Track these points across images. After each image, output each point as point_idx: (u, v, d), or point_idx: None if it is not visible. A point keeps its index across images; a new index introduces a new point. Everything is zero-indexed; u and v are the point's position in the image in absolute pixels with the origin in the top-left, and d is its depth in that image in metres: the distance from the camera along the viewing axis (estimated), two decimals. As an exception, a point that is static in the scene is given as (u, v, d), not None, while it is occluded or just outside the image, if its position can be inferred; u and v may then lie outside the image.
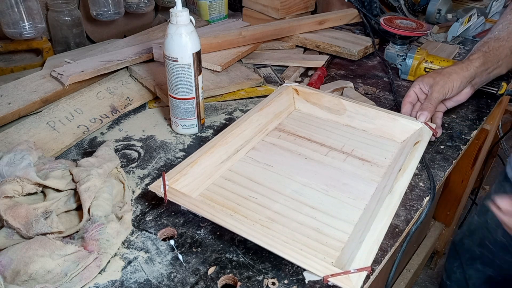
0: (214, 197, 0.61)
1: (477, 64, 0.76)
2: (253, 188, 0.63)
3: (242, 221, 0.52)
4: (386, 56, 0.99)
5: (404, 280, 1.38)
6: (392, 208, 0.55)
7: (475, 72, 0.76)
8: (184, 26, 0.67)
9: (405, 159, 0.65)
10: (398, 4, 1.29)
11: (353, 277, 0.45)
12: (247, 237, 0.49)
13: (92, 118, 0.78)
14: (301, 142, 0.74)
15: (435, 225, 1.54)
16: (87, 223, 0.52)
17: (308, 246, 0.54)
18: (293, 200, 0.61)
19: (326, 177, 0.66)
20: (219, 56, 0.98)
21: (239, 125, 0.71)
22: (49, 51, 1.01)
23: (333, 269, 0.46)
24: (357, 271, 0.46)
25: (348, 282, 0.45)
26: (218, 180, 0.65)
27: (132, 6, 1.12)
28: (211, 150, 0.65)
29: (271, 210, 0.59)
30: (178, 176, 0.59)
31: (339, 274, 0.45)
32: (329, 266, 0.46)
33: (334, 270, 0.45)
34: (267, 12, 1.18)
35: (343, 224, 0.58)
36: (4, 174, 0.55)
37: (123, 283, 0.50)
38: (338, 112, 0.80)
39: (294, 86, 0.83)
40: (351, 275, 0.45)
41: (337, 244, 0.55)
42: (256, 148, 0.72)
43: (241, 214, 0.59)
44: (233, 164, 0.68)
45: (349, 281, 0.45)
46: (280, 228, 0.57)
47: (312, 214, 0.59)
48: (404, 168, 0.63)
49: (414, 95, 0.77)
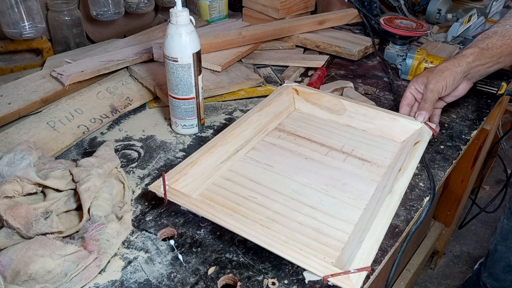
0: (214, 197, 0.61)
1: (470, 60, 0.74)
2: (253, 188, 0.63)
3: (242, 221, 0.52)
4: (386, 56, 0.99)
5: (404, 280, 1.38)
6: (392, 208, 0.55)
7: (468, 67, 0.74)
8: (184, 26, 0.67)
9: (405, 159, 0.65)
10: (398, 4, 1.29)
11: (353, 277, 0.45)
12: (247, 237, 0.49)
13: (92, 118, 0.78)
14: (301, 142, 0.74)
15: (435, 225, 1.54)
16: (87, 223, 0.52)
17: (308, 246, 0.54)
18: (293, 200, 0.61)
19: (326, 177, 0.66)
20: (219, 56, 0.98)
21: (239, 125, 0.71)
22: (49, 51, 1.01)
23: (333, 269, 0.46)
24: (357, 271, 0.46)
25: (348, 282, 0.45)
26: (218, 180, 0.65)
27: (132, 6, 1.12)
28: (211, 150, 0.65)
29: (271, 210, 0.59)
30: (178, 176, 0.59)
31: (339, 274, 0.45)
32: (329, 266, 0.46)
33: (334, 270, 0.45)
34: (267, 12, 1.18)
35: (343, 224, 0.58)
36: (4, 174, 0.55)
37: (123, 283, 0.50)
38: (338, 112, 0.80)
39: (294, 86, 0.83)
40: (351, 275, 0.45)
41: (337, 244, 0.55)
42: (256, 148, 0.72)
43: (241, 214, 0.59)
44: (233, 164, 0.68)
45: (349, 281, 0.45)
46: (280, 228, 0.57)
47: (312, 214, 0.59)
48: (404, 168, 0.63)
49: (410, 96, 0.77)
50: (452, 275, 1.70)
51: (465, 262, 1.76)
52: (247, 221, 0.57)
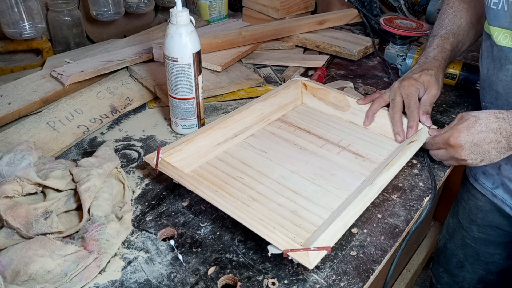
0: (204, 174, 0.65)
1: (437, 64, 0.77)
2: (243, 170, 0.66)
3: (223, 197, 0.54)
4: (386, 56, 0.99)
5: (404, 280, 1.38)
6: (368, 198, 0.57)
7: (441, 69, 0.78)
8: (184, 26, 0.67)
9: (396, 156, 0.66)
10: (398, 4, 1.29)
11: (312, 254, 0.47)
12: (222, 208, 0.52)
13: (92, 118, 0.78)
14: (300, 133, 0.76)
15: (435, 225, 1.54)
16: (87, 223, 0.52)
17: (282, 225, 0.56)
18: (278, 184, 0.64)
19: (316, 167, 0.68)
20: (219, 56, 0.98)
21: (241, 111, 0.74)
22: (49, 51, 1.01)
23: (294, 245, 0.48)
24: (317, 249, 0.47)
25: (306, 258, 0.47)
26: (212, 160, 0.68)
27: (132, 6, 1.12)
28: (208, 132, 0.69)
29: (254, 191, 0.62)
30: (172, 151, 0.64)
31: (299, 250, 0.47)
32: (290, 242, 0.48)
33: (294, 246, 0.47)
34: (267, 12, 1.18)
35: (321, 210, 0.60)
36: (4, 174, 0.55)
37: (123, 283, 0.50)
38: (342, 109, 0.81)
39: (303, 81, 0.85)
40: (310, 252, 0.47)
41: (310, 227, 0.57)
42: (256, 135, 0.75)
43: (225, 191, 0.62)
44: (230, 147, 0.71)
45: (307, 258, 0.47)
46: (259, 207, 0.59)
47: (293, 198, 0.62)
48: (391, 164, 0.63)
49: (400, 105, 0.74)
50: (452, 275, 1.70)
51: (465, 262, 1.76)
52: (230, 197, 0.60)
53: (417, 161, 0.71)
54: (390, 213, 0.61)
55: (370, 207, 0.60)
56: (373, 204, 0.61)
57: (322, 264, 0.52)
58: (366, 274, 0.52)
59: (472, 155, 0.62)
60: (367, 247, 0.55)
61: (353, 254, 0.54)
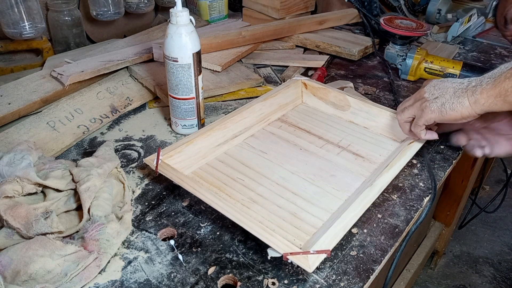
0: (204, 176, 0.65)
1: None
2: (243, 171, 0.66)
3: (223, 199, 0.54)
4: (386, 56, 0.99)
5: (404, 280, 1.37)
6: (368, 200, 0.57)
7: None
8: (184, 26, 0.67)
9: (396, 156, 0.66)
10: (398, 4, 1.29)
11: (311, 257, 0.47)
12: (222, 211, 0.52)
13: (92, 118, 0.78)
14: (300, 133, 0.77)
15: (435, 225, 1.54)
16: (87, 223, 0.52)
17: (281, 227, 0.56)
18: (278, 185, 0.64)
19: (316, 167, 0.68)
20: (219, 56, 0.98)
21: (240, 112, 0.74)
22: (49, 51, 1.01)
23: (294, 248, 0.48)
24: (316, 252, 0.47)
25: (305, 261, 0.47)
26: (212, 161, 0.68)
27: (132, 6, 1.12)
28: (208, 133, 0.69)
29: (254, 192, 0.62)
30: (172, 153, 0.64)
31: (298, 253, 0.47)
32: (290, 245, 0.48)
33: (294, 249, 0.47)
34: (267, 12, 1.18)
35: (321, 211, 0.60)
36: (4, 174, 0.55)
37: (123, 283, 0.50)
38: (342, 108, 0.81)
39: (304, 80, 0.85)
40: (309, 256, 0.47)
41: (310, 229, 0.56)
42: (255, 135, 0.75)
43: (225, 192, 0.62)
44: (230, 148, 0.71)
45: (307, 261, 0.47)
46: (258, 209, 0.59)
47: (293, 200, 0.61)
48: (391, 164, 0.63)
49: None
50: (452, 275, 1.70)
51: (465, 262, 1.76)
52: (229, 199, 0.60)
53: (417, 161, 0.71)
54: (390, 213, 0.61)
55: (370, 207, 0.60)
56: (373, 204, 0.61)
57: (322, 264, 0.52)
58: (366, 274, 0.52)
59: (431, 89, 0.63)
60: (367, 247, 0.55)
61: (353, 254, 0.54)
